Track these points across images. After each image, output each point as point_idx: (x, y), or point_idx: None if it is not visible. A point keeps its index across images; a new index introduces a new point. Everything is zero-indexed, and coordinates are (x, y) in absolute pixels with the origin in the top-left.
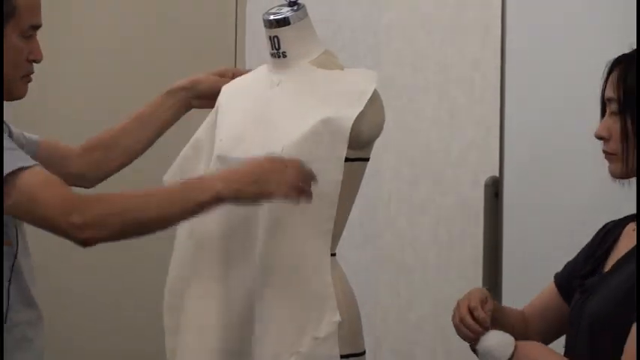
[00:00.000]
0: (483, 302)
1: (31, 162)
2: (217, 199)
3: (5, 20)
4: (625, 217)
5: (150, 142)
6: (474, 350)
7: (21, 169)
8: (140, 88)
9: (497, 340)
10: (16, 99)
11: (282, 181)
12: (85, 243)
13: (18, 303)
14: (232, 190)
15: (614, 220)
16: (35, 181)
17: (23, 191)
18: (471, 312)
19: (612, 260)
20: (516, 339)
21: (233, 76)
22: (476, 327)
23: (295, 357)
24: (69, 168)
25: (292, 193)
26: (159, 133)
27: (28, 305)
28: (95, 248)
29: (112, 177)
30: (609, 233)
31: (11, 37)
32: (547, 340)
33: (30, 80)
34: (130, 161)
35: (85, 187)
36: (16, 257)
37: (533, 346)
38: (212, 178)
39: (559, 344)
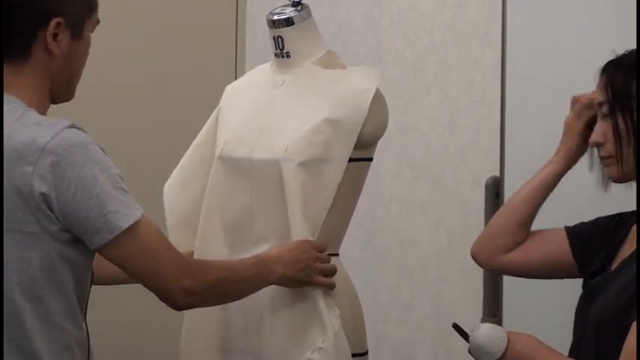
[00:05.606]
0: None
1: (140, 208)
2: (277, 281)
3: (87, 16)
4: (634, 212)
5: None
6: None
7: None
8: (139, 88)
9: (489, 335)
10: (70, 99)
11: (316, 270)
12: (185, 307)
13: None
14: (287, 275)
15: (626, 212)
16: (152, 235)
17: (143, 245)
18: None
19: (619, 259)
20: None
21: None
22: None
23: (317, 353)
24: None
25: (322, 281)
26: None
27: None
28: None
29: None
30: (620, 224)
31: (87, 34)
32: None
33: None
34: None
35: None
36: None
37: (527, 340)
38: (272, 261)
39: (561, 344)
